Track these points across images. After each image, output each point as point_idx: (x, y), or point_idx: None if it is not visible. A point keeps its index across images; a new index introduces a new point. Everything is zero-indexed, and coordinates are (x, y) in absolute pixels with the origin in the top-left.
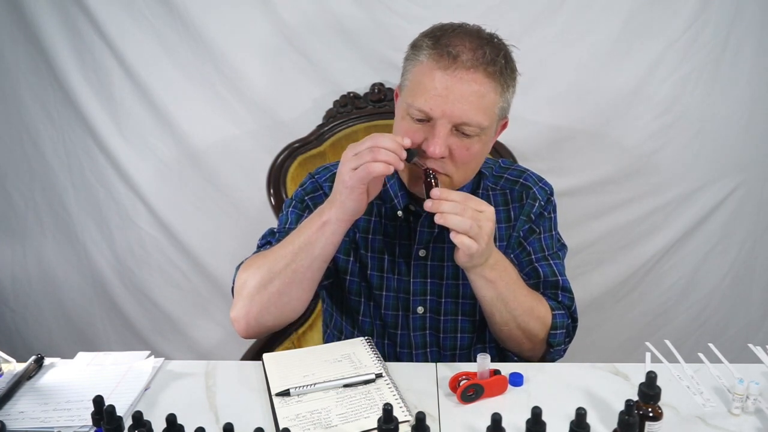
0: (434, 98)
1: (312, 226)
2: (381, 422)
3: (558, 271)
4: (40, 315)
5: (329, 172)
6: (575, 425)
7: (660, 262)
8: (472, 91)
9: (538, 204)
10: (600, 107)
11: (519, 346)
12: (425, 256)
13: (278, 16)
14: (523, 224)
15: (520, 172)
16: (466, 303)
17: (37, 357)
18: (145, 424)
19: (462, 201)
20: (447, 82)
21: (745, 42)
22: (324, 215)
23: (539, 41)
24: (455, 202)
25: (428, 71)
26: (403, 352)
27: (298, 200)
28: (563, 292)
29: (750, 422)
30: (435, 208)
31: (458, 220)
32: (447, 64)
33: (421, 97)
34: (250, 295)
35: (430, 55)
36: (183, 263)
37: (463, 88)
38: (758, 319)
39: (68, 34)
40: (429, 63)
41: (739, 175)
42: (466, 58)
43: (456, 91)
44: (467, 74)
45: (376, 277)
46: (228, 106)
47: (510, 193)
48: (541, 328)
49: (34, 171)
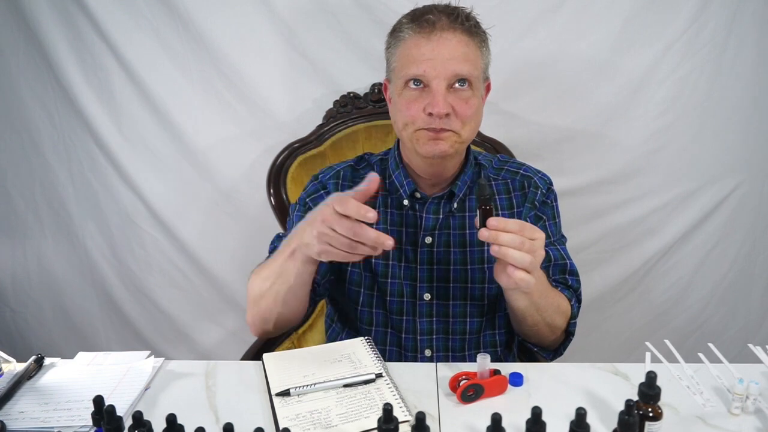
0: (425, 62)
1: (283, 254)
2: (381, 422)
3: (565, 255)
4: (40, 315)
5: (332, 171)
6: (575, 425)
7: (660, 262)
8: (457, 48)
9: (541, 192)
10: (600, 107)
11: (542, 340)
12: (431, 242)
13: (278, 16)
14: (528, 211)
15: (520, 164)
16: (475, 288)
17: (37, 357)
18: (145, 424)
19: (519, 231)
20: (432, 45)
21: (745, 42)
22: (291, 244)
23: (539, 41)
24: (513, 234)
25: (413, 43)
26: (408, 337)
27: (301, 204)
28: (571, 275)
29: (750, 422)
30: (492, 239)
31: (518, 256)
32: (429, 31)
33: (413, 65)
34: (251, 305)
35: (410, 28)
36: (183, 263)
37: (450, 46)
38: (758, 319)
39: (68, 34)
40: (412, 36)
41: (739, 175)
42: (444, 21)
43: (443, 51)
44: (448, 34)
45: (381, 266)
46: (228, 106)
47: (511, 183)
48: (564, 320)
49: (34, 171)
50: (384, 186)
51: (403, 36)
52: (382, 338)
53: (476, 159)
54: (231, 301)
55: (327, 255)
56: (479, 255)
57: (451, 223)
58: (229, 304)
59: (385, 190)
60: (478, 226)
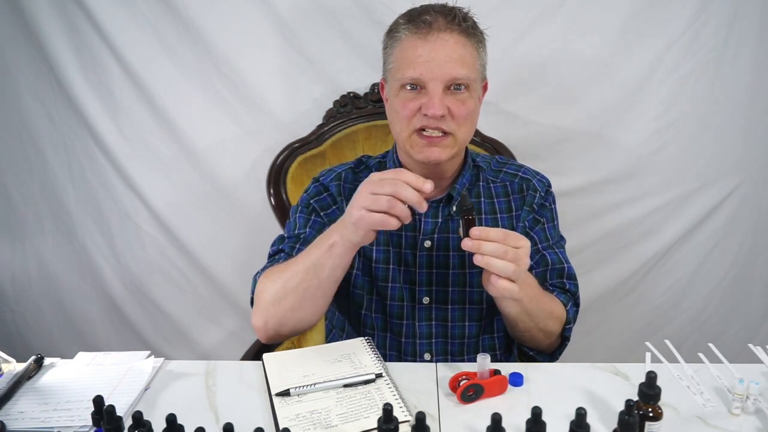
0: (422, 65)
1: (320, 248)
2: (381, 422)
3: (563, 259)
4: (40, 315)
5: (333, 173)
6: (575, 425)
7: (660, 262)
8: (454, 49)
9: (539, 195)
10: (600, 107)
11: (537, 344)
12: (430, 246)
13: (278, 15)
14: (527, 214)
15: (518, 167)
16: (474, 291)
17: (37, 357)
18: (145, 424)
19: (502, 240)
20: (429, 47)
21: (745, 42)
22: (331, 237)
23: (539, 41)
24: (496, 243)
25: (410, 45)
26: (408, 341)
27: (303, 205)
28: (569, 279)
29: (750, 422)
30: (475, 249)
31: (501, 265)
32: (426, 32)
33: (410, 67)
34: (266, 307)
35: (407, 29)
36: (183, 263)
37: (446, 48)
38: (758, 319)
39: (68, 33)
40: (408, 36)
41: (739, 175)
42: (441, 22)
43: (440, 53)
44: (445, 35)
45: (381, 269)
46: (228, 106)
47: (510, 185)
48: (558, 325)
49: (34, 171)
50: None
51: (399, 36)
52: (382, 342)
53: (474, 161)
54: (231, 301)
55: (363, 221)
56: None
57: (450, 226)
58: (229, 304)
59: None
60: (462, 236)
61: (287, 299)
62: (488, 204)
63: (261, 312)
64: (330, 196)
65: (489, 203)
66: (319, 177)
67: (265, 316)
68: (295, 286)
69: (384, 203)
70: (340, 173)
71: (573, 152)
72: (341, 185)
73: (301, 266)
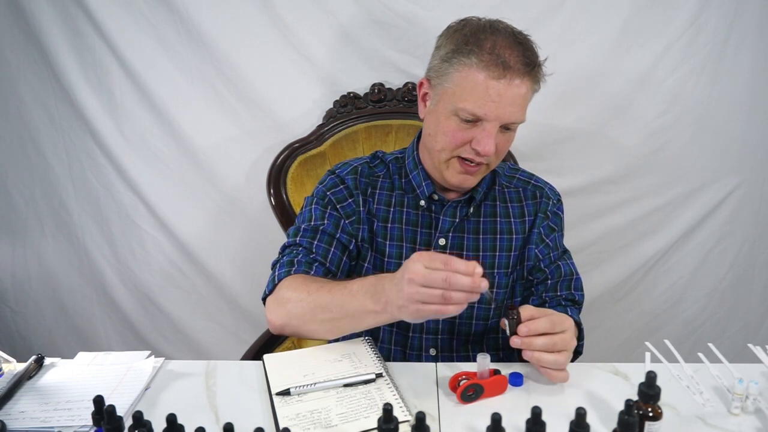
0: (488, 104)
1: (367, 305)
2: (381, 422)
3: (574, 270)
4: (40, 315)
5: (349, 166)
6: (575, 425)
7: (660, 262)
8: (521, 95)
9: (552, 202)
10: (600, 107)
11: None
12: (445, 244)
13: (278, 16)
14: (542, 221)
15: (530, 174)
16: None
17: (37, 357)
18: (145, 424)
19: (550, 329)
20: (500, 90)
21: (745, 42)
22: (381, 303)
23: (539, 41)
24: (545, 338)
25: (481, 79)
26: (415, 336)
27: (319, 197)
28: (577, 290)
29: (750, 422)
30: (526, 346)
31: (552, 359)
32: (500, 74)
33: (475, 102)
34: (289, 317)
35: (480, 59)
36: (183, 263)
37: (513, 92)
38: (758, 319)
39: (68, 33)
40: (480, 68)
41: (739, 175)
42: (517, 68)
43: (507, 97)
44: (518, 80)
45: (394, 265)
46: (228, 106)
47: (523, 191)
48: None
49: (34, 171)
50: (400, 184)
51: (469, 63)
52: (387, 337)
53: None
54: (231, 301)
55: (419, 313)
56: (490, 260)
57: (466, 226)
58: (229, 304)
59: (401, 189)
60: (509, 333)
61: (313, 324)
62: (503, 207)
63: (282, 316)
64: (346, 189)
65: (503, 207)
66: (335, 169)
67: (285, 320)
68: (327, 320)
69: (438, 297)
70: (356, 167)
71: (573, 152)
72: (357, 179)
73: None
